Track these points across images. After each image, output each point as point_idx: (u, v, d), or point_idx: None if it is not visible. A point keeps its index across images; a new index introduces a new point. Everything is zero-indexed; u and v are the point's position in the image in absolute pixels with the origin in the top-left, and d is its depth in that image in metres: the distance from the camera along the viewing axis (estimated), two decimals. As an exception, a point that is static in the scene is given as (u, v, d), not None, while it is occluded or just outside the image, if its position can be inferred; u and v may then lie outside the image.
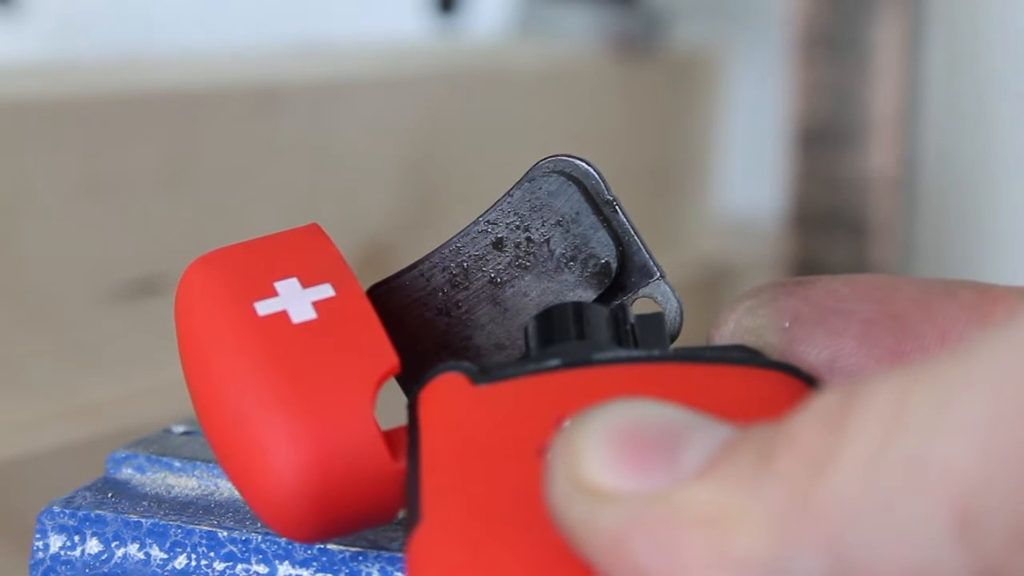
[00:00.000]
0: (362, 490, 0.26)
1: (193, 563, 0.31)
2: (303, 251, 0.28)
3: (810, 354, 0.27)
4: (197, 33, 0.91)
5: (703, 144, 0.94)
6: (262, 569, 0.30)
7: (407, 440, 0.26)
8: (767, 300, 0.27)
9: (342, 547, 0.30)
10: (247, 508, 0.32)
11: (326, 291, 0.27)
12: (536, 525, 0.22)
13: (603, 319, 0.27)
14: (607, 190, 0.30)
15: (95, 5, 0.92)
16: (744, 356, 0.25)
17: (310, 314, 0.27)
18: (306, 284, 0.27)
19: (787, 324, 0.27)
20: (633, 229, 0.30)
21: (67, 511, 0.31)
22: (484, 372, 0.25)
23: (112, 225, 0.61)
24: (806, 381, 0.25)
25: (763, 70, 0.98)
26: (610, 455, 0.21)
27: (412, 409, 0.26)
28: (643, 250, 0.30)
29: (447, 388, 0.25)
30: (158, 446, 0.33)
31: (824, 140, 0.88)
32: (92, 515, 0.31)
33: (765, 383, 0.25)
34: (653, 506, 0.20)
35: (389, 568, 0.29)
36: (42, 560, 0.31)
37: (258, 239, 0.29)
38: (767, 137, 0.95)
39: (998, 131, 0.95)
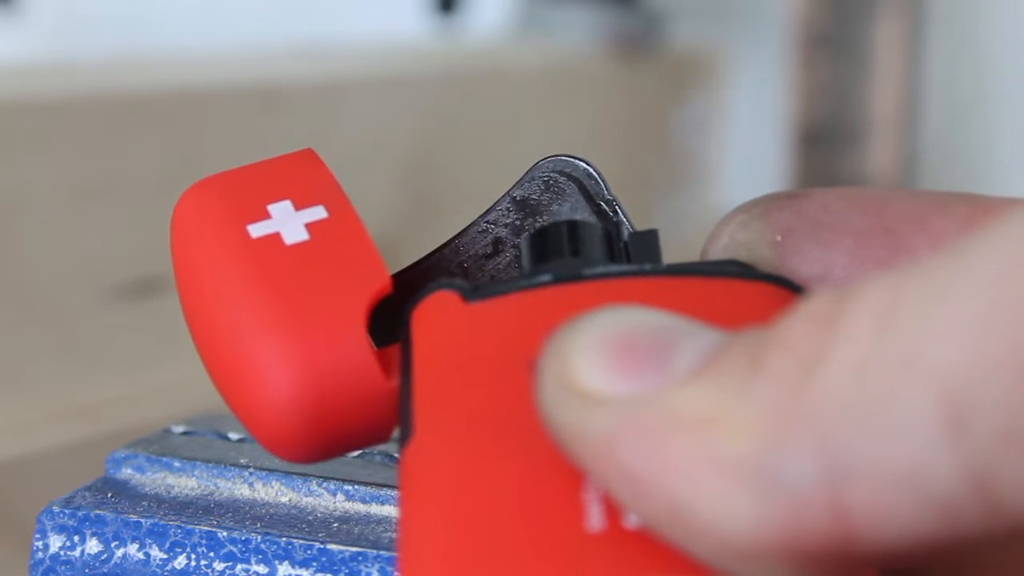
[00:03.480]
0: (356, 408, 0.26)
1: (193, 563, 0.31)
2: (297, 175, 0.28)
3: (802, 267, 0.27)
4: (197, 33, 0.91)
5: (703, 144, 0.94)
6: (262, 569, 0.30)
7: (400, 358, 0.26)
8: (759, 214, 0.27)
9: (342, 547, 0.30)
10: (247, 508, 0.32)
11: (319, 213, 0.27)
12: (527, 435, 0.22)
13: (596, 236, 0.27)
14: (607, 190, 0.30)
15: (95, 5, 0.92)
16: (736, 270, 0.25)
17: (303, 235, 0.27)
18: (299, 206, 0.28)
19: (779, 238, 0.27)
20: (633, 229, 0.30)
21: (67, 511, 0.31)
22: (476, 289, 0.25)
23: (112, 225, 0.61)
24: (797, 293, 0.25)
25: (763, 70, 0.98)
26: (601, 359, 0.21)
27: (405, 327, 0.26)
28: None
29: (439, 306, 0.25)
30: (158, 446, 0.33)
31: (824, 140, 0.88)
32: (92, 515, 0.31)
33: (757, 295, 0.25)
34: (643, 409, 0.20)
35: (389, 568, 0.29)
36: (42, 560, 0.31)
37: (253, 164, 0.29)
38: (767, 137, 0.95)
39: (998, 131, 0.95)
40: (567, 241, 0.27)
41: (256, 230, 0.27)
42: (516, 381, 0.23)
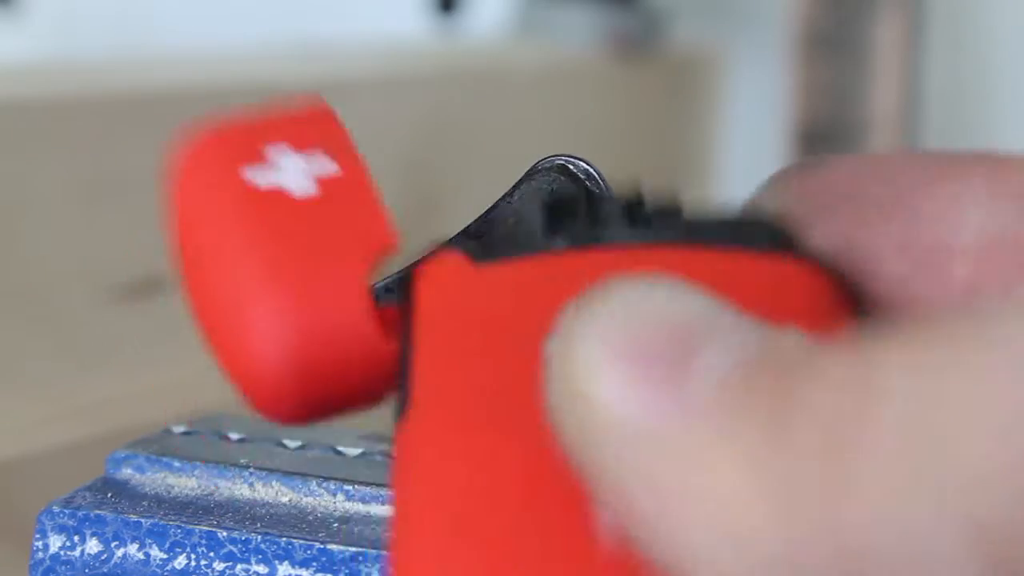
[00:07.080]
0: (350, 369, 0.25)
1: (193, 563, 0.31)
2: (309, 127, 0.28)
3: (824, 240, 0.25)
4: (197, 33, 0.91)
5: (703, 144, 0.94)
6: (262, 569, 0.30)
7: (401, 321, 0.24)
8: (783, 186, 0.26)
9: (342, 547, 0.30)
10: (247, 508, 0.32)
11: (328, 167, 0.27)
12: (534, 420, 0.21)
13: (617, 205, 0.26)
14: (607, 190, 0.30)
15: (95, 5, 0.92)
16: (762, 234, 0.24)
17: (309, 189, 0.26)
18: (305, 155, 0.27)
19: (801, 209, 0.26)
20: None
21: (67, 511, 0.31)
22: (486, 250, 0.24)
23: (112, 225, 0.61)
24: (825, 271, 0.24)
25: (763, 70, 0.98)
26: (610, 363, 0.19)
27: (408, 289, 0.25)
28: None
29: (446, 267, 0.24)
30: (158, 446, 0.34)
31: (824, 140, 0.88)
32: (92, 515, 0.31)
33: (783, 271, 0.24)
34: (654, 448, 0.19)
35: (389, 568, 0.29)
36: (42, 560, 0.31)
37: (265, 110, 0.28)
38: (767, 137, 0.95)
39: (998, 131, 0.95)
40: (585, 207, 0.26)
41: (262, 180, 0.26)
42: (525, 354, 0.21)
